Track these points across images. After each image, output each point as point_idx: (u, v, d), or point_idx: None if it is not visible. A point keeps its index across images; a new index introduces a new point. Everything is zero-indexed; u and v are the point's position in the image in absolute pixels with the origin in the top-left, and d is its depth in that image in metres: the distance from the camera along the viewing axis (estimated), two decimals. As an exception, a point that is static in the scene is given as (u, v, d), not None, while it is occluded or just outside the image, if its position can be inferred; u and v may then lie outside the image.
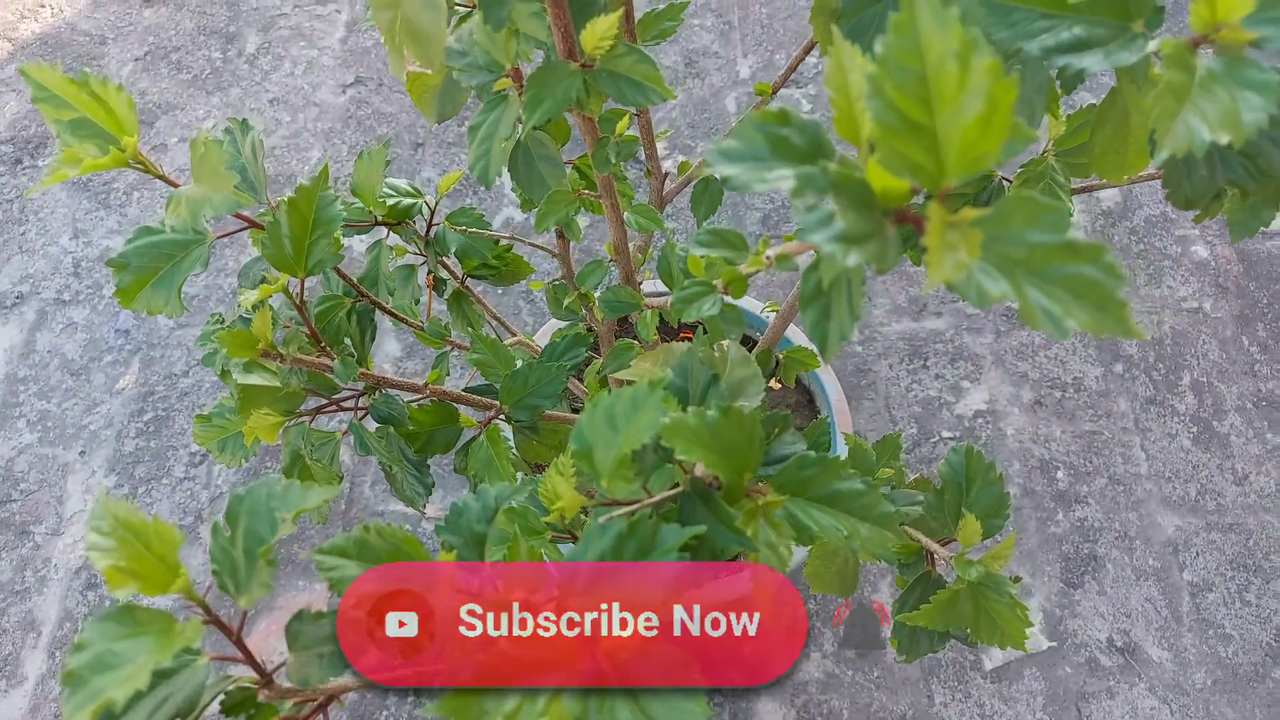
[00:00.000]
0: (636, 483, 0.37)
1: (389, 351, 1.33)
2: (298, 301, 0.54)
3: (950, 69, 0.25)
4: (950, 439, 1.29)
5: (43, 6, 1.66)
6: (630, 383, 0.40)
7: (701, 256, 0.40)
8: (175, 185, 0.51)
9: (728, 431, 0.38)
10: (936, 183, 0.26)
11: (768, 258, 0.37)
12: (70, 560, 1.19)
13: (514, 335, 0.85)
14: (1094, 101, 0.50)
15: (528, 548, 0.36)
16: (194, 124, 1.54)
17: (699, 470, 0.37)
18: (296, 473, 0.59)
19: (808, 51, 0.59)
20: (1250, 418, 1.31)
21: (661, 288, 1.04)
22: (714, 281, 0.46)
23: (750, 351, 0.75)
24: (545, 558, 0.46)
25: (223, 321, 0.57)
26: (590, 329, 0.76)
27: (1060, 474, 1.27)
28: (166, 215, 0.49)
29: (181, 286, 0.53)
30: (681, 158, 1.52)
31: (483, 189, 1.45)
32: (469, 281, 0.79)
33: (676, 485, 0.39)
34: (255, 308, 0.50)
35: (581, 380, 0.92)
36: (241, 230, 0.54)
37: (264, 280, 0.53)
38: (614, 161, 0.49)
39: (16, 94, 1.56)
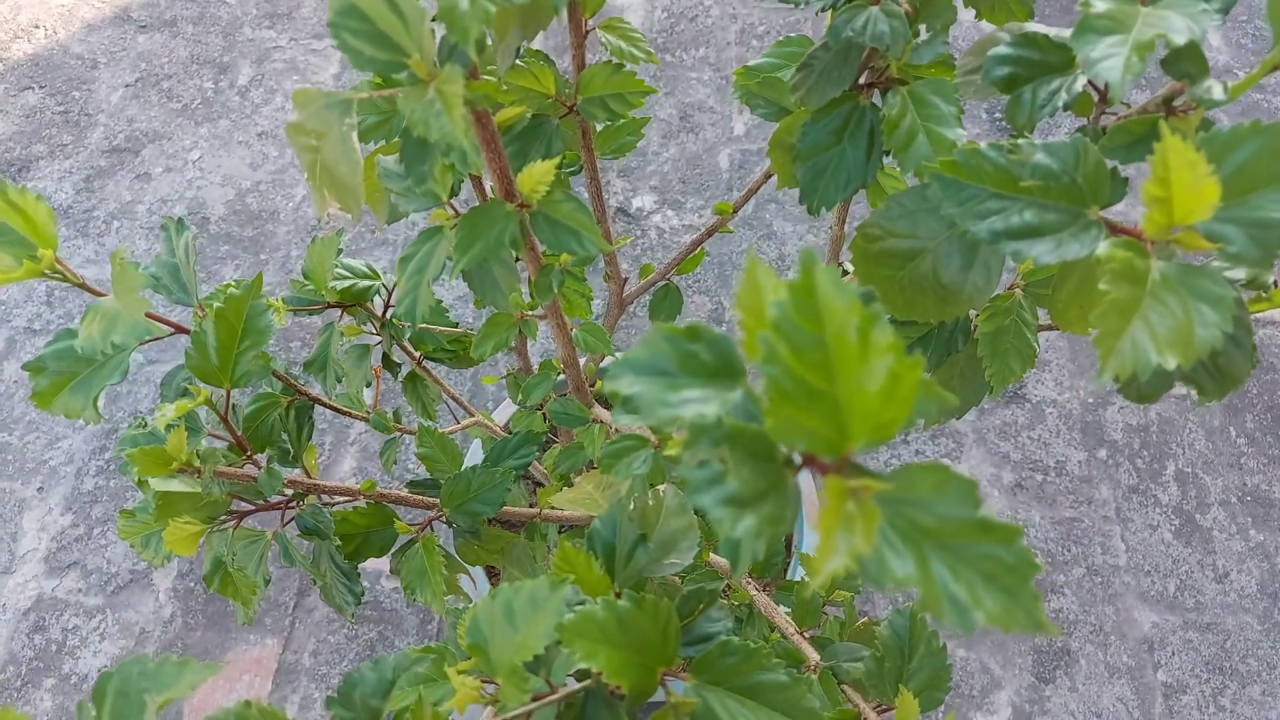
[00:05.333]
0: (535, 683, 0.35)
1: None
2: (222, 413, 0.52)
3: (850, 340, 0.22)
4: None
5: (37, 27, 1.65)
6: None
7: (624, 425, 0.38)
8: (98, 294, 0.49)
9: (640, 624, 0.36)
10: (838, 449, 0.24)
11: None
12: (20, 601, 1.16)
13: (472, 415, 0.83)
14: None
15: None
16: (180, 154, 1.52)
17: (603, 677, 0.34)
18: (217, 581, 0.57)
19: (766, 179, 0.57)
20: (1234, 512, 1.28)
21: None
22: (646, 435, 0.44)
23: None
24: None
25: (145, 425, 0.54)
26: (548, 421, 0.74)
27: (1038, 561, 1.24)
28: (80, 330, 0.46)
29: (99, 394, 0.50)
30: (671, 213, 1.51)
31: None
32: (426, 362, 0.77)
33: (585, 676, 0.37)
34: (169, 427, 0.47)
35: (541, 462, 0.90)
36: (169, 335, 0.52)
37: (185, 393, 0.51)
38: (555, 290, 0.47)
39: (3, 115, 1.54)
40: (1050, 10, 1.78)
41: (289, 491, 0.57)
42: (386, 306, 0.74)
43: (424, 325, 0.69)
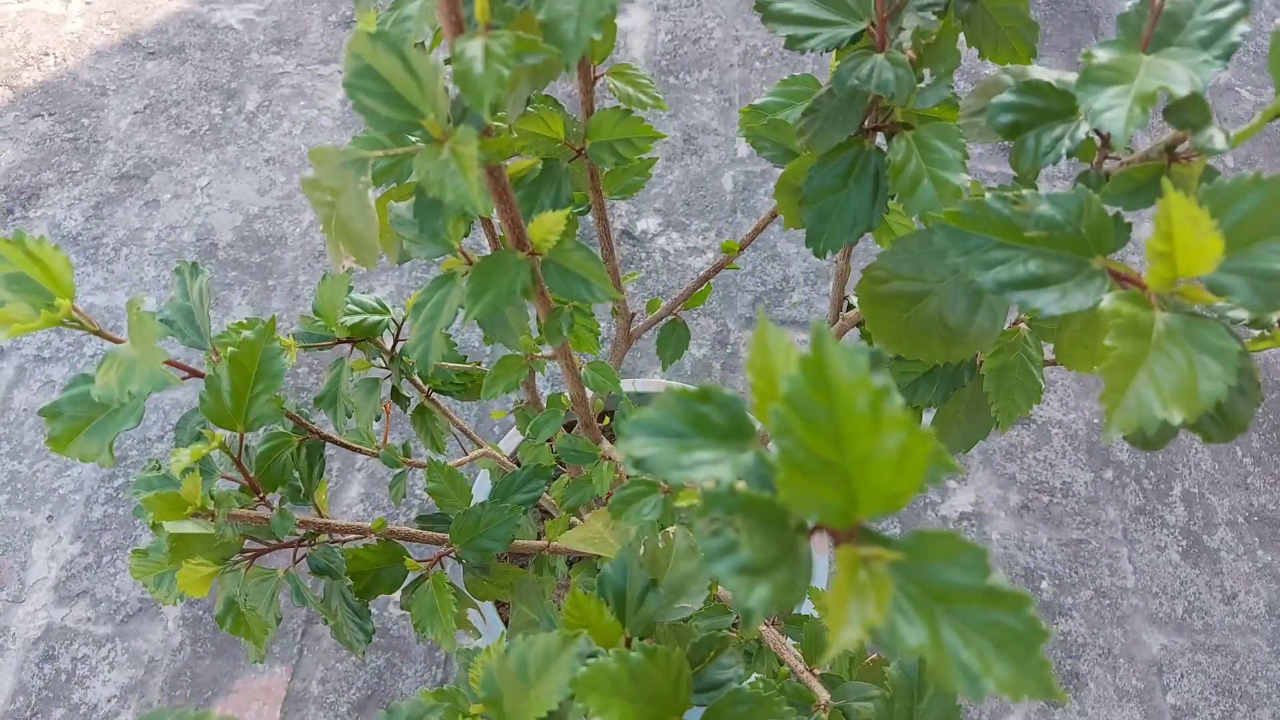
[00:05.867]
0: (548, 736, 0.35)
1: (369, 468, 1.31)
2: (235, 456, 0.52)
3: (861, 413, 0.23)
4: (933, 542, 1.26)
5: (46, 55, 1.67)
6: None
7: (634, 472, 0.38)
8: (115, 341, 0.50)
9: (652, 675, 0.36)
10: (848, 519, 0.24)
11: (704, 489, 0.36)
12: (29, 630, 1.16)
13: (480, 446, 0.84)
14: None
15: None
16: (189, 180, 1.53)
17: (614, 728, 0.34)
18: (230, 621, 0.57)
19: (771, 218, 0.58)
20: (1241, 533, 1.28)
21: (641, 387, 1.03)
22: (657, 481, 0.44)
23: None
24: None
25: (159, 468, 0.55)
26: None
27: (1045, 584, 1.24)
28: (97, 378, 0.47)
29: (114, 440, 0.51)
30: (675, 235, 1.51)
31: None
32: (434, 395, 0.78)
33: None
34: (185, 473, 0.48)
35: (549, 492, 0.90)
36: (184, 380, 0.52)
37: (200, 436, 0.51)
38: (565, 333, 0.47)
39: (13, 142, 1.56)
40: (1051, 29, 1.79)
41: (300, 531, 0.57)
42: (395, 341, 0.75)
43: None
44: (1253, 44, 1.79)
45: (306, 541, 0.58)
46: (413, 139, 0.36)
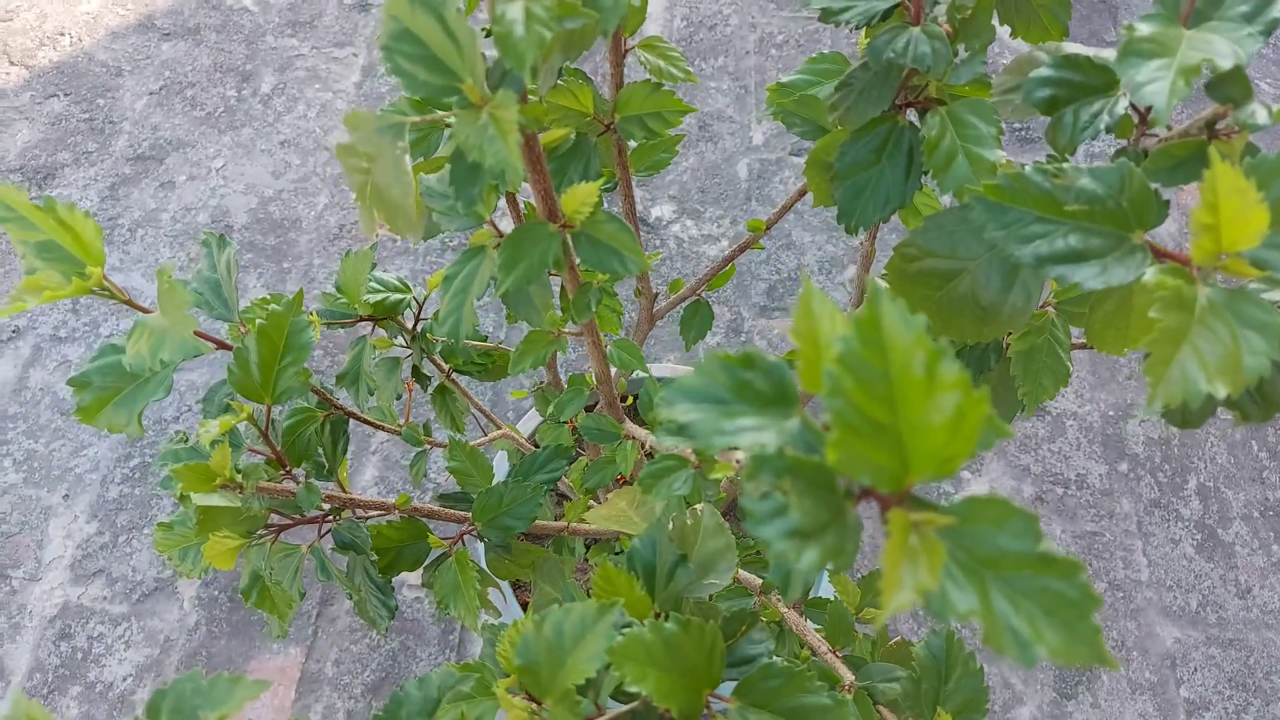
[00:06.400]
0: (584, 705, 0.35)
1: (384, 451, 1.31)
2: (263, 429, 0.52)
3: (916, 375, 0.23)
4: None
5: (62, 35, 1.67)
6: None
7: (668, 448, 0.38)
8: (144, 311, 0.50)
9: (686, 647, 0.36)
10: (899, 483, 0.24)
11: (738, 461, 0.35)
12: (45, 608, 1.17)
13: (499, 428, 0.84)
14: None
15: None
16: (204, 162, 1.53)
17: (652, 699, 0.34)
18: (255, 594, 0.57)
19: (800, 196, 0.57)
20: (1256, 527, 1.28)
21: (652, 374, 1.02)
22: (687, 456, 0.44)
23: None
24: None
25: (186, 440, 0.55)
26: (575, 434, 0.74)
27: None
28: (128, 347, 0.47)
29: (143, 410, 0.51)
30: (690, 222, 1.51)
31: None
32: (454, 375, 0.78)
33: (621, 695, 0.37)
34: (214, 444, 0.48)
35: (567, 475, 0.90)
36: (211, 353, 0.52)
37: (228, 408, 0.51)
38: (593, 308, 0.47)
39: (29, 122, 1.56)
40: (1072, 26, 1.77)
41: (325, 506, 0.57)
42: (416, 320, 0.74)
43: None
44: (1274, 37, 1.77)
45: (331, 517, 0.58)
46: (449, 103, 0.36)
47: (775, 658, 0.39)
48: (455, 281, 0.44)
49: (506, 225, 0.46)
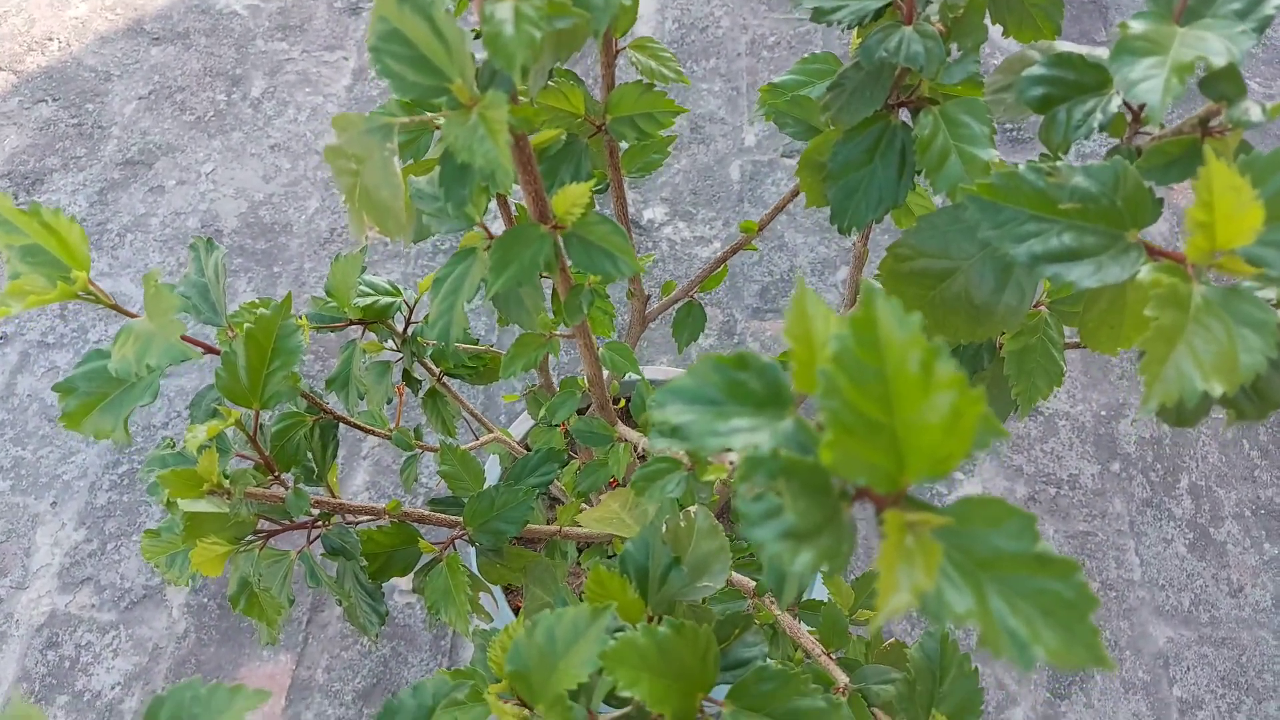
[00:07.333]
0: (577, 711, 0.34)
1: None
2: (251, 434, 0.52)
3: (912, 373, 0.22)
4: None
5: (50, 39, 1.66)
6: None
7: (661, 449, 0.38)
8: (131, 315, 0.49)
9: (679, 650, 0.36)
10: (895, 483, 0.24)
11: (731, 463, 0.35)
12: (33, 617, 1.16)
13: (491, 432, 0.83)
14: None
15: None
16: (193, 166, 1.52)
17: (645, 704, 0.34)
18: (243, 601, 0.57)
19: (792, 197, 0.57)
20: (1248, 526, 1.28)
21: (649, 375, 1.02)
22: (680, 457, 0.43)
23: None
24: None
25: (173, 446, 0.54)
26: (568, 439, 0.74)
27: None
28: (114, 352, 0.46)
29: (129, 415, 0.50)
30: (682, 224, 1.51)
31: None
32: (445, 378, 0.77)
33: (614, 699, 0.37)
34: (201, 449, 0.47)
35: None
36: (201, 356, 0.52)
37: (215, 413, 0.51)
38: (585, 311, 0.47)
39: (17, 128, 1.55)
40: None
41: (315, 511, 0.56)
42: (407, 324, 0.74)
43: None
44: (1264, 35, 1.78)
45: (320, 522, 0.58)
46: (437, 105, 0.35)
47: (769, 661, 0.39)
48: (446, 284, 0.44)
49: (497, 227, 0.46)
